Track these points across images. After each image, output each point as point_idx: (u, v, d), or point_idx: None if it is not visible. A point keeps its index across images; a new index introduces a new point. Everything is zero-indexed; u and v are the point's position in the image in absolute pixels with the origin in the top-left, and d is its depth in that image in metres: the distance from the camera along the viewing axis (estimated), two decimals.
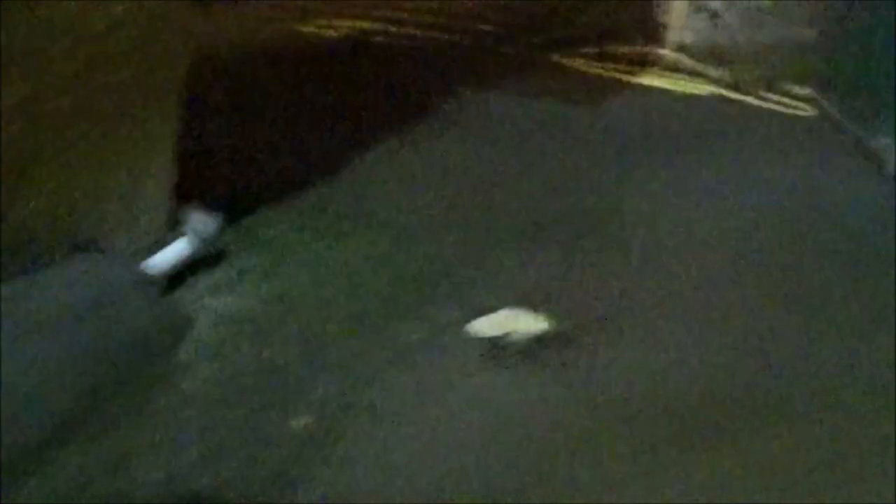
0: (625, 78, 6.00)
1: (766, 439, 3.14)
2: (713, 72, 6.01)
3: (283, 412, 3.10)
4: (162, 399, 3.13)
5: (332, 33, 6.19)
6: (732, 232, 4.46)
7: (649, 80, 5.99)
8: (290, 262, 3.88)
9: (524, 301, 3.69)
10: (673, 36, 6.20)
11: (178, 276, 3.62)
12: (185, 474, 2.84)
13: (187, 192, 3.78)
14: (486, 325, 3.51)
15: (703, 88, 5.95)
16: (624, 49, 6.13)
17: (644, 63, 6.09)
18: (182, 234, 3.69)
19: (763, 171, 5.09)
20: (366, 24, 6.27)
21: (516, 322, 3.53)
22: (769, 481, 2.98)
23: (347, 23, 6.24)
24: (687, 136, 5.37)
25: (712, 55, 6.11)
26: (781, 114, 5.82)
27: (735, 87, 5.93)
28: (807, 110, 5.81)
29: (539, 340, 3.50)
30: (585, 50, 6.12)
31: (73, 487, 2.78)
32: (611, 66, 6.07)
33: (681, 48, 6.16)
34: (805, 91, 5.86)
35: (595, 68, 6.06)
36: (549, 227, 4.36)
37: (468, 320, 3.55)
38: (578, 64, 6.07)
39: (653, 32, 6.22)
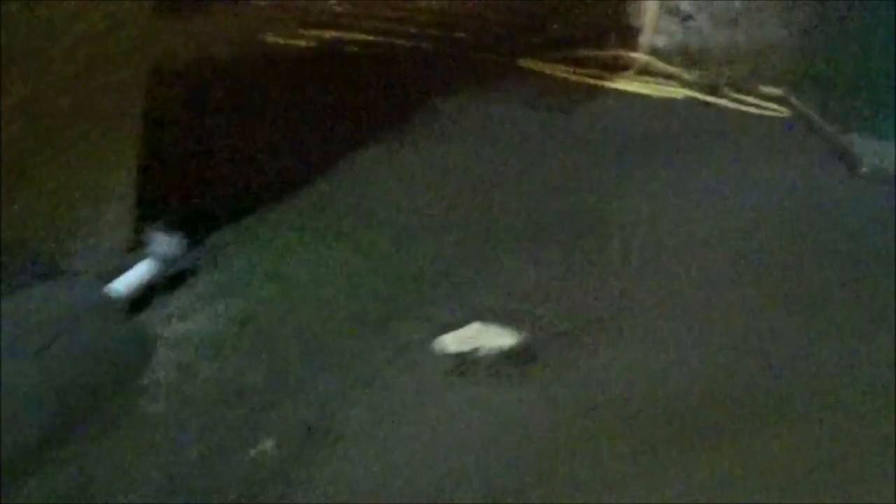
0: (599, 83, 5.96)
1: (766, 439, 3.13)
2: (687, 75, 6.00)
3: (247, 436, 3.07)
4: (128, 422, 3.12)
5: (301, 43, 6.14)
6: (711, 235, 4.45)
7: (623, 84, 5.96)
8: (257, 280, 3.85)
9: (499, 312, 3.67)
10: (646, 39, 6.18)
11: (144, 297, 3.59)
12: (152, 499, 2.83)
13: (150, 212, 3.77)
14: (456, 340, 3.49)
15: (677, 92, 5.92)
16: (597, 54, 6.10)
17: (618, 67, 6.06)
18: (146, 256, 3.68)
19: (741, 172, 5.07)
20: (336, 34, 6.23)
21: (487, 336, 3.51)
22: (769, 481, 2.97)
23: (318, 33, 6.20)
24: (663, 141, 5.34)
25: (686, 58, 6.09)
26: (756, 115, 5.80)
27: (709, 90, 5.91)
28: (780, 111, 5.80)
29: (510, 354, 3.48)
30: (557, 55, 6.08)
31: None
32: (584, 71, 6.03)
33: (654, 52, 6.14)
34: (778, 91, 5.85)
35: (568, 73, 6.02)
36: (529, 236, 4.33)
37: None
38: (551, 69, 6.03)
39: (626, 36, 6.20)
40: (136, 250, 3.69)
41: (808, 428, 3.19)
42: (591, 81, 5.95)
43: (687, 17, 6.11)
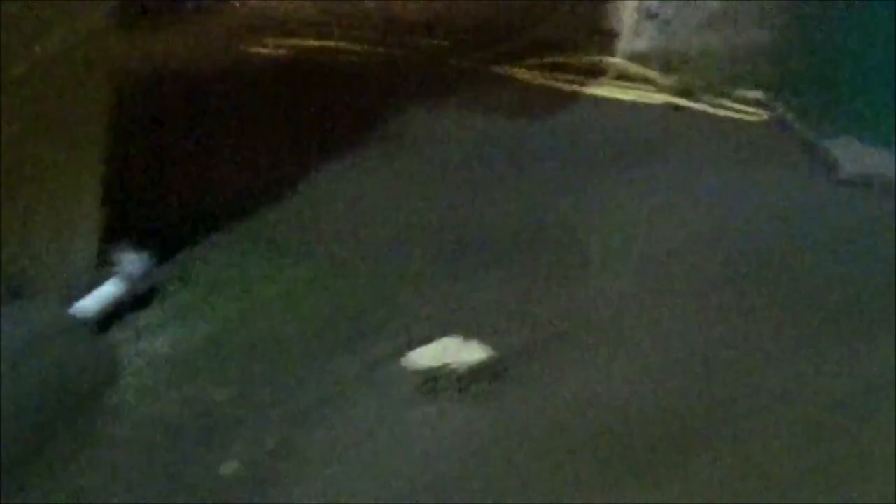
0: (576, 89, 5.87)
1: (737, 459, 3.11)
2: (664, 79, 5.92)
3: (212, 457, 3.04)
4: (94, 444, 3.09)
5: (273, 52, 6.07)
6: (687, 243, 4.39)
7: (601, 90, 5.88)
8: (225, 298, 3.81)
9: (468, 327, 3.63)
10: (623, 44, 6.11)
11: (110, 317, 3.56)
12: None
13: (117, 231, 3.73)
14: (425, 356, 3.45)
15: (655, 97, 5.86)
16: (574, 59, 6.02)
17: (595, 73, 5.98)
18: (112, 275, 3.64)
19: (719, 179, 5.01)
20: (310, 42, 6.17)
21: (457, 352, 3.47)
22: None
23: (291, 41, 6.13)
24: (641, 148, 5.26)
25: (663, 62, 6.01)
26: (734, 119, 5.71)
27: (687, 94, 5.84)
28: (760, 115, 5.74)
29: (480, 370, 3.44)
30: (535, 61, 6.01)
31: None
32: (561, 76, 5.94)
33: (631, 56, 6.07)
34: (758, 95, 5.80)
35: (546, 79, 5.94)
36: (501, 248, 4.28)
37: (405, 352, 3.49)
38: (528, 76, 5.96)
39: (603, 41, 6.13)
40: (103, 269, 3.66)
41: (773, 449, 3.15)
42: (569, 88, 5.88)
43: (665, 21, 6.04)
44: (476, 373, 3.40)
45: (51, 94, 3.45)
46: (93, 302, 3.54)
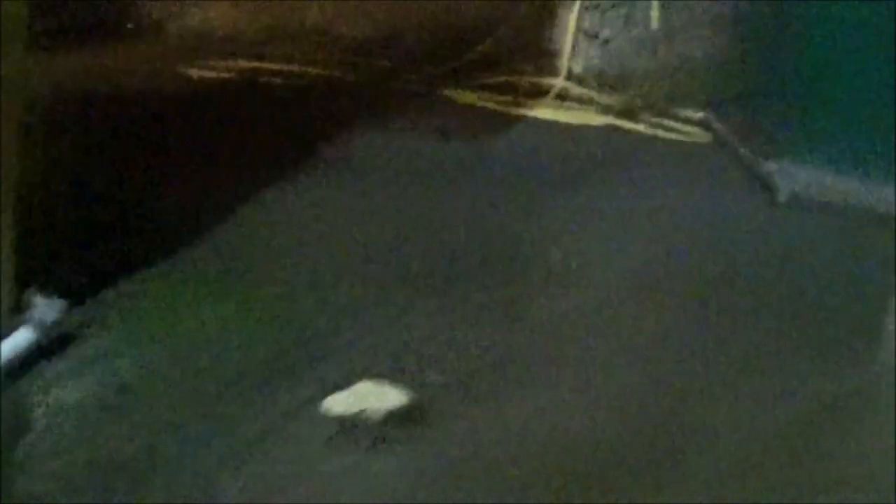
0: (516, 110, 5.85)
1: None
2: (605, 100, 5.89)
3: None
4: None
5: (213, 73, 5.99)
6: (630, 268, 4.37)
7: (540, 111, 5.85)
8: (140, 343, 3.71)
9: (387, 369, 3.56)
10: (563, 65, 6.06)
11: (21, 366, 3.45)
12: None
13: (30, 275, 3.61)
14: (337, 402, 3.35)
15: (595, 118, 5.82)
16: (515, 80, 5.99)
17: (536, 94, 5.94)
18: (24, 322, 3.53)
19: (660, 201, 4.99)
20: (250, 64, 6.09)
21: (373, 396, 3.38)
22: None
23: (231, 62, 6.05)
24: (582, 170, 5.24)
25: (604, 83, 5.98)
26: (676, 140, 5.71)
27: (628, 115, 5.81)
28: (701, 136, 5.72)
29: (399, 415, 3.35)
30: (476, 82, 5.98)
31: None
32: (502, 98, 5.92)
33: (571, 77, 6.03)
34: (698, 115, 5.77)
35: (486, 101, 5.92)
36: (438, 278, 4.23)
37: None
38: (469, 97, 5.93)
39: (543, 62, 6.09)
40: (15, 316, 3.56)
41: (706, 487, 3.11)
42: (509, 109, 5.84)
43: (605, 41, 5.99)
44: (394, 418, 3.32)
45: None
46: (3, 351, 3.43)
